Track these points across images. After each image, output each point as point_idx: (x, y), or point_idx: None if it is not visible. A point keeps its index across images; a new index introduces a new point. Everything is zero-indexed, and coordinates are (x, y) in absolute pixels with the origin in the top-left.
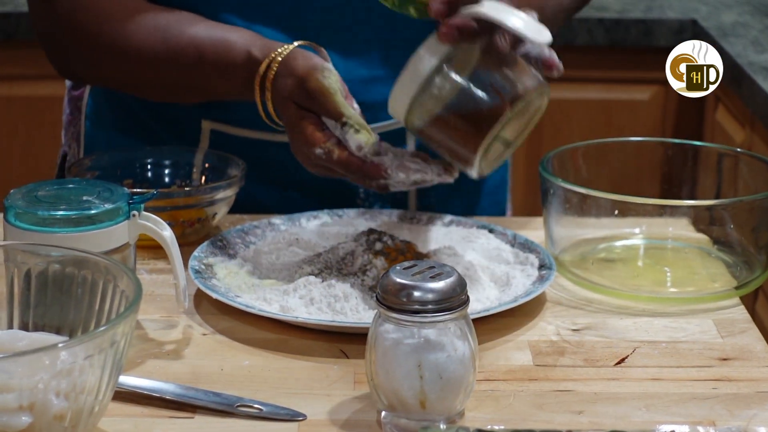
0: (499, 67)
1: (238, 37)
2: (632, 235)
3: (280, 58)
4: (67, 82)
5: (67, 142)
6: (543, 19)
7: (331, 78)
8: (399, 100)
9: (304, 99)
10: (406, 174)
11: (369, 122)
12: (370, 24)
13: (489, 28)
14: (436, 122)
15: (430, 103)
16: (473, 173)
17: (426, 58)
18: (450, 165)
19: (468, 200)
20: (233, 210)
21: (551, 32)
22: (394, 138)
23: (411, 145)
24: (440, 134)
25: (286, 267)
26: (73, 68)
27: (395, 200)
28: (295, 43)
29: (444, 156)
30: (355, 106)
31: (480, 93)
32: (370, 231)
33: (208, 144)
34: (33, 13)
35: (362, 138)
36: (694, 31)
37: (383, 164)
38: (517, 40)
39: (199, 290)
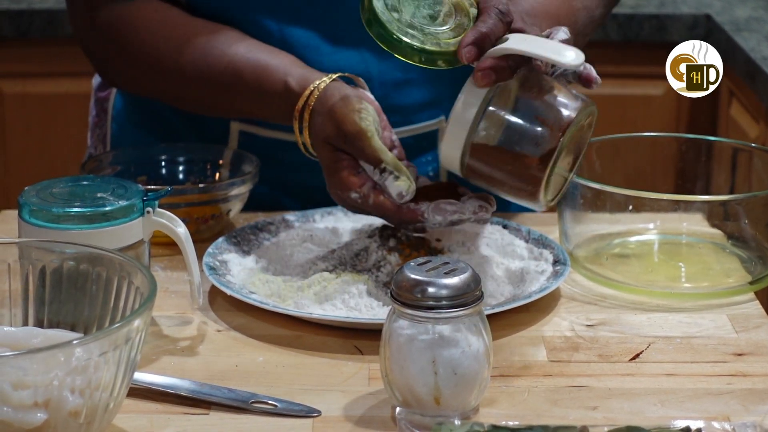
0: (541, 96)
1: (277, 63)
2: (646, 230)
3: (317, 93)
4: (94, 84)
5: (93, 144)
6: (575, 34)
7: (368, 119)
8: (450, 152)
9: (341, 142)
10: (443, 216)
11: (403, 125)
12: None
13: (522, 60)
14: (493, 165)
15: (481, 148)
16: (540, 207)
17: (468, 103)
18: (486, 202)
19: (500, 203)
20: (255, 209)
21: (582, 45)
22: (429, 140)
23: None
24: (500, 175)
25: (300, 263)
26: (113, 77)
27: None
28: (333, 76)
29: (508, 197)
30: (394, 137)
31: (529, 127)
32: (384, 227)
33: (237, 145)
34: (73, 21)
35: (402, 186)
36: (707, 26)
37: (419, 209)
38: (551, 65)
39: (213, 287)
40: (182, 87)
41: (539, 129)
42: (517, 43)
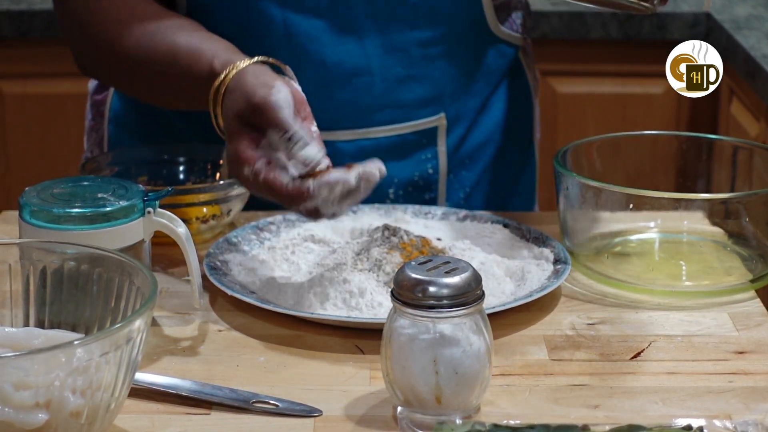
0: None
1: (208, 48)
2: (647, 228)
3: (234, 72)
4: (90, 87)
5: (89, 148)
6: None
7: (280, 94)
8: None
9: (251, 113)
10: (329, 189)
11: (404, 120)
12: (410, 21)
13: None
14: None
15: None
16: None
17: None
18: (370, 170)
19: (499, 201)
20: (255, 209)
21: None
22: (429, 136)
23: (442, 146)
24: None
25: (300, 263)
26: (86, 67)
27: (424, 204)
28: (255, 59)
29: None
30: (314, 128)
31: None
32: (386, 226)
33: None
34: (56, 12)
35: (311, 151)
36: (707, 24)
37: (305, 185)
38: None
39: (214, 287)
40: (130, 72)
41: None
42: None
